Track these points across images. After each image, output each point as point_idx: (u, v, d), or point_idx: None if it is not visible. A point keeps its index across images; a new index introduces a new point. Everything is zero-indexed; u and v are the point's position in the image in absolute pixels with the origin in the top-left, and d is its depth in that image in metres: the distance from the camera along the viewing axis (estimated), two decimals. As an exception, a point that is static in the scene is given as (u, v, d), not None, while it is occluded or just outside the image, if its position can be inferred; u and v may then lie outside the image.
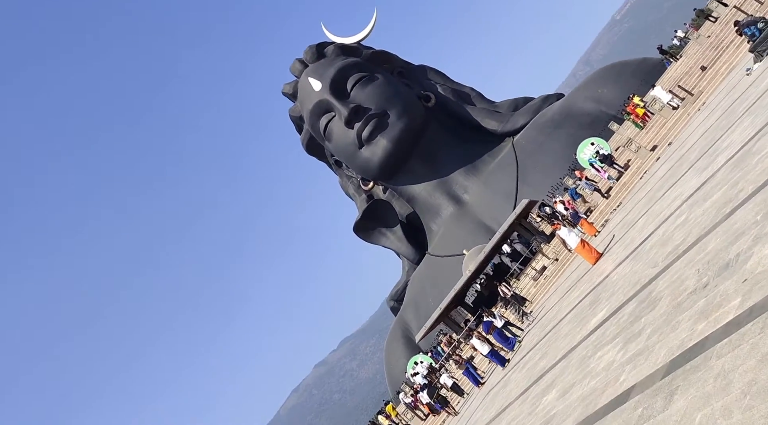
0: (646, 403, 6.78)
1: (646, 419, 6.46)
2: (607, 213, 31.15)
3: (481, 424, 18.67)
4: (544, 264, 33.28)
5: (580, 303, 17.75)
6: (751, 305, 6.36)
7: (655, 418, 6.25)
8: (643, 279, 12.18)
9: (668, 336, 7.96)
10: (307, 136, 53.93)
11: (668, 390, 6.47)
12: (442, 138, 50.54)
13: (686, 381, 6.25)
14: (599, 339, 11.73)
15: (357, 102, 47.97)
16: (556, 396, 11.44)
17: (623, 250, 17.98)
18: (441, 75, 55.25)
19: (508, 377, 21.05)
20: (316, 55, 51.36)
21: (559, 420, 9.84)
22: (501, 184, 47.03)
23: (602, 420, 7.72)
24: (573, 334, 14.92)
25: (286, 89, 53.43)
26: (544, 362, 15.88)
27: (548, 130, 47.07)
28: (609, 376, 9.08)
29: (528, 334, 24.86)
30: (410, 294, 51.56)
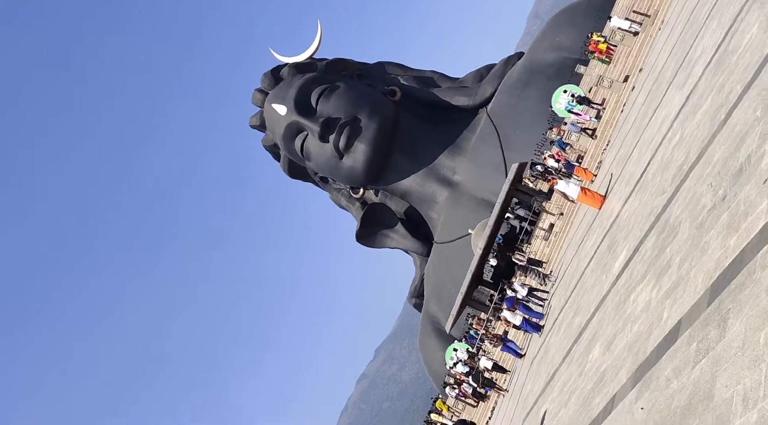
0: (699, 336, 6.28)
1: (704, 353, 5.97)
2: (598, 155, 30.67)
3: (533, 396, 18.18)
4: (551, 222, 32.78)
5: (598, 250, 17.27)
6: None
7: (714, 350, 5.76)
8: (655, 210, 11.70)
9: (700, 260, 7.47)
10: (286, 162, 53.28)
11: (719, 317, 5.98)
12: (417, 127, 49.92)
13: (736, 301, 5.76)
14: (628, 282, 11.24)
15: (325, 115, 47.29)
16: (601, 351, 10.95)
17: (626, 186, 17.51)
18: (400, 66, 54.73)
19: (547, 342, 20.56)
20: (274, 81, 50.71)
21: (611, 375, 9.35)
22: (487, 156, 46.47)
23: (657, 365, 7.23)
24: (600, 283, 14.44)
25: (253, 122, 52.82)
26: (578, 319, 15.39)
27: (518, 91, 46.55)
28: (650, 317, 8.59)
29: (555, 295, 24.38)
30: (429, 287, 51.01)
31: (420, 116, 50.57)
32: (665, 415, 6.21)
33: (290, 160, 51.89)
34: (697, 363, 6.03)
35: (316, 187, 55.99)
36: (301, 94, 47.46)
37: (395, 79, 52.65)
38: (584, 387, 10.98)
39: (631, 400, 7.65)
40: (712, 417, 5.12)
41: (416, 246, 51.52)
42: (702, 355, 5.99)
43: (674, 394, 6.23)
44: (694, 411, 5.57)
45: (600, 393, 9.56)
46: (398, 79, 52.48)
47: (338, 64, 52.31)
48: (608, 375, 9.54)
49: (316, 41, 53.55)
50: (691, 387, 5.88)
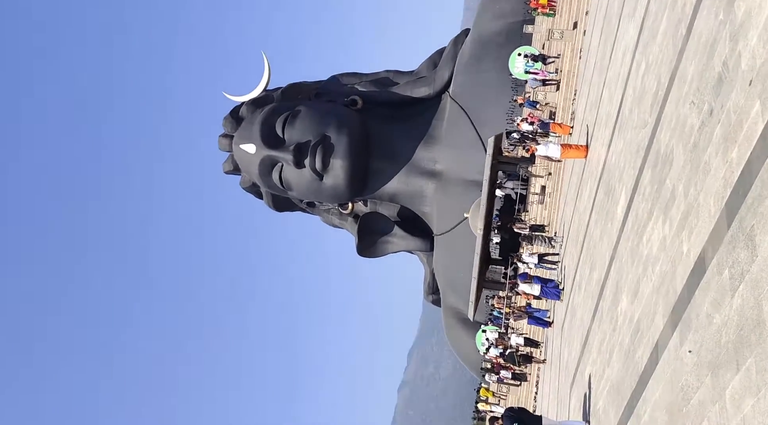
0: (729, 261, 5.85)
1: (739, 278, 5.53)
2: (568, 106, 30.31)
3: (573, 362, 17.72)
4: (542, 185, 32.40)
5: (596, 199, 16.85)
6: (774, 101, 5.46)
7: (750, 272, 5.32)
8: (642, 144, 11.28)
9: (705, 182, 7.04)
10: (269, 197, 52.71)
11: (744, 236, 5.55)
12: (387, 128, 49.50)
13: (758, 215, 5.32)
14: (636, 224, 10.81)
15: (294, 141, 46.78)
16: (628, 301, 10.51)
17: (605, 129, 17.11)
18: (354, 75, 54.37)
19: (572, 304, 20.12)
20: (235, 122, 50.21)
21: (647, 323, 8.91)
22: (462, 138, 46.11)
23: (692, 302, 6.79)
24: (607, 233, 14.01)
25: (226, 168, 52.30)
26: (596, 273, 14.95)
27: (474, 67, 46.24)
28: (670, 254, 8.16)
29: (566, 255, 23.94)
30: (441, 280, 50.54)
31: (386, 117, 50.17)
32: (717, 353, 5.77)
33: (273, 195, 51.37)
34: (735, 290, 5.59)
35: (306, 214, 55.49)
36: (266, 128, 46.95)
37: (353, 88, 52.24)
38: (622, 342, 10.53)
39: (675, 345, 7.21)
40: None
41: (418, 244, 51.03)
42: (738, 281, 5.55)
43: (720, 329, 5.79)
44: (747, 343, 5.13)
45: (640, 344, 9.12)
46: (356, 88, 52.07)
47: (293, 89, 51.86)
48: (644, 324, 9.10)
49: (266, 73, 53.08)
50: (737, 318, 5.44)
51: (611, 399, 10.86)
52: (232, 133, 49.45)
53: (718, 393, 5.59)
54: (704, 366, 6.07)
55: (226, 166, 51.55)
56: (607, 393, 11.42)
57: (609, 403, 11.07)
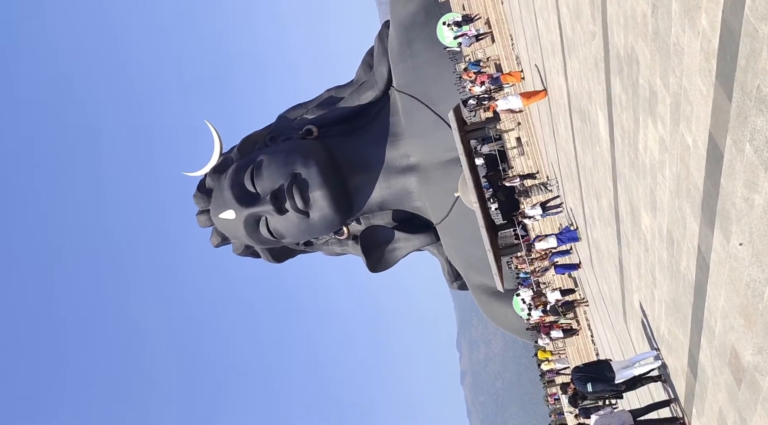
0: (746, 134, 5.19)
1: (766, 147, 4.87)
2: (510, 53, 29.74)
3: (617, 295, 17.06)
4: (516, 137, 31.80)
5: (574, 128, 16.22)
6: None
7: (776, 135, 4.66)
8: (598, 55, 10.65)
9: (682, 63, 6.39)
10: (266, 253, 52.12)
11: (753, 101, 4.89)
12: (350, 144, 48.98)
13: (759, 72, 4.68)
14: (626, 136, 10.16)
15: (268, 191, 46.17)
16: (649, 216, 9.84)
17: (556, 57, 16.50)
18: (298, 106, 53.82)
19: (593, 239, 19.47)
20: (206, 196, 49.60)
21: (680, 231, 8.25)
22: (423, 124, 45.61)
23: (721, 191, 6.12)
24: (600, 156, 13.37)
25: (215, 242, 51.62)
26: (605, 201, 14.31)
27: (407, 53, 45.80)
28: (675, 152, 7.50)
29: (567, 195, 23.31)
30: (459, 263, 49.91)
31: (345, 134, 49.66)
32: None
33: (269, 249, 50.72)
34: (766, 162, 4.93)
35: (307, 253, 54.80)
36: (237, 189, 46.35)
37: (303, 119, 51.67)
38: (661, 259, 9.87)
39: (721, 243, 6.54)
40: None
41: (423, 239, 50.43)
42: (766, 151, 4.90)
43: (766, 210, 5.13)
44: (806, 211, 4.47)
45: (681, 254, 8.45)
46: (305, 118, 51.51)
47: (247, 142, 51.27)
48: (676, 233, 8.44)
49: (215, 139, 52.50)
50: (782, 189, 4.78)
51: (673, 320, 10.19)
52: (206, 207, 48.80)
53: (794, 277, 4.93)
54: (764, 255, 5.41)
55: (214, 239, 50.85)
56: (665, 315, 10.75)
57: (672, 324, 10.39)
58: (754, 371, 6.52)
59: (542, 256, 29.33)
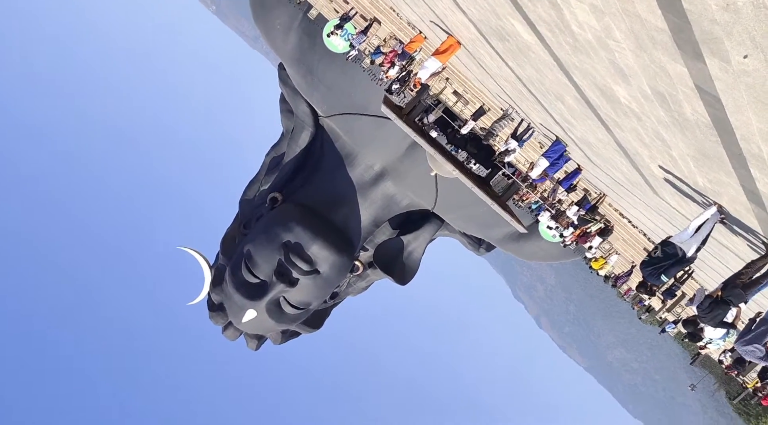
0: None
1: None
2: (400, 23, 29.15)
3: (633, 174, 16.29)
4: (452, 91, 31.16)
5: (498, 50, 15.46)
6: None
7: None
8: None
9: None
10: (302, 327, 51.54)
11: None
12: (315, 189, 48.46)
13: None
14: (550, 26, 9.36)
15: (271, 273, 45.62)
16: (623, 87, 9.03)
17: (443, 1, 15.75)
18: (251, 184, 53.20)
19: (578, 138, 18.72)
20: (220, 311, 49.00)
21: (665, 80, 7.44)
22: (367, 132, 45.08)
23: (690, 16, 5.31)
24: (539, 61, 12.59)
25: (252, 346, 51.08)
26: (569, 99, 13.53)
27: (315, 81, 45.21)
28: (614, 9, 6.69)
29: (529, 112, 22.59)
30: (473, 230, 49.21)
31: (306, 183, 49.14)
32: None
33: (303, 322, 50.05)
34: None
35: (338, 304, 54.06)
36: (243, 289, 45.71)
37: (261, 193, 51.09)
38: (659, 118, 9.05)
39: (721, 67, 5.72)
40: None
41: (430, 230, 49.81)
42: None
43: (756, 5, 4.31)
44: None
45: (679, 103, 7.64)
46: (263, 190, 50.99)
47: (226, 241, 50.65)
48: (662, 85, 7.62)
49: (198, 258, 51.76)
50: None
51: (707, 168, 9.37)
52: (226, 321, 48.20)
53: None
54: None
55: (251, 345, 50.16)
56: (696, 167, 9.93)
57: (709, 172, 9.57)
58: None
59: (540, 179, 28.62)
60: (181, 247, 52.50)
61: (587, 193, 28.08)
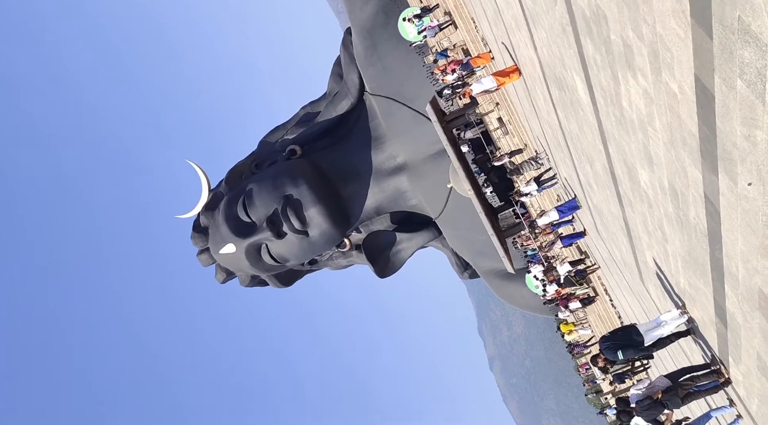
0: (734, 69, 4.92)
1: (758, 79, 4.60)
2: (476, 36, 29.55)
3: (629, 256, 16.79)
4: (497, 117, 31.60)
5: (553, 98, 15.97)
6: None
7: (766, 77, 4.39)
8: (563, 19, 10.39)
9: (652, 10, 6.13)
10: (273, 280, 51.86)
11: (735, 33, 4.62)
12: (335, 156, 48.77)
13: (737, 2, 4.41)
14: (607, 95, 9.90)
15: (263, 218, 45.88)
16: (647, 171, 9.57)
17: (521, 32, 16.25)
18: (277, 129, 53.60)
19: (593, 205, 19.22)
20: (202, 234, 49.30)
21: (682, 182, 7.98)
22: (403, 123, 45.43)
23: (720, 132, 5.85)
24: (584, 120, 13.11)
25: (220, 278, 51.34)
26: (598, 164, 14.04)
27: (374, 56, 45.57)
28: (661, 102, 7.24)
29: (559, 165, 23.07)
30: (465, 253, 49.71)
31: (329, 147, 49.45)
32: (784, 168, 4.84)
33: (276, 275, 50.46)
34: (762, 95, 4.66)
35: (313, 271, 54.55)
36: (232, 222, 46.07)
37: (284, 141, 51.44)
38: (667, 213, 9.60)
39: (728, 187, 6.27)
40: None
41: (425, 236, 50.26)
42: (759, 83, 4.63)
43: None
44: (815, 137, 4.20)
45: (688, 205, 8.18)
46: (287, 139, 51.32)
47: (234, 174, 51.02)
48: (679, 184, 8.17)
49: (201, 177, 52.19)
50: (784, 120, 4.51)
51: (691, 272, 9.92)
52: (205, 246, 48.55)
53: (814, 208, 4.66)
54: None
55: (219, 276, 50.57)
56: (682, 268, 10.48)
57: (691, 276, 10.12)
58: (788, 311, 6.25)
59: (546, 231, 29.10)
60: (190, 161, 52.96)
61: (585, 256, 28.58)
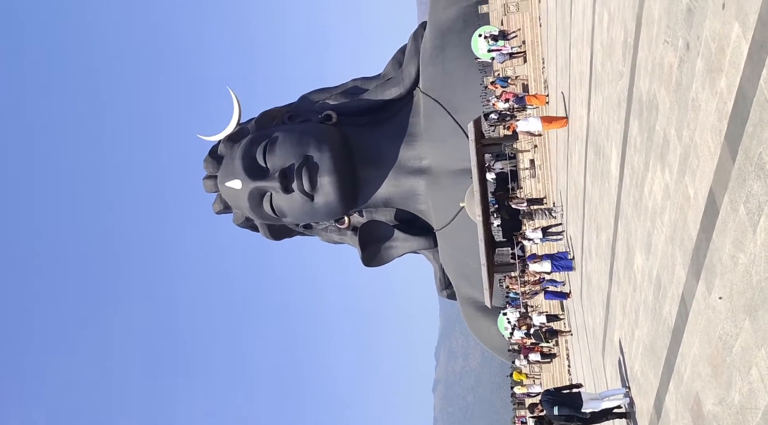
0: (742, 195, 5.48)
1: (757, 212, 5.16)
2: (540, 76, 30.00)
3: (599, 329, 17.35)
4: (530, 159, 32.07)
5: (587, 161, 16.51)
6: (754, 22, 5.10)
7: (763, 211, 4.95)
8: (621, 96, 10.93)
9: (697, 119, 6.68)
10: (264, 229, 52.29)
11: (753, 166, 5.19)
12: (366, 136, 49.17)
13: (764, 142, 4.97)
14: (634, 177, 10.45)
15: (278, 168, 46.32)
16: (643, 257, 10.14)
17: (581, 89, 16.77)
18: (323, 90, 54.02)
19: (586, 271, 19.76)
20: (215, 162, 49.79)
21: (668, 277, 8.54)
22: (442, 129, 45.84)
23: (712, 245, 6.42)
24: (606, 192, 13.66)
25: (216, 209, 51.86)
26: (604, 235, 14.59)
27: (439, 57, 45.99)
28: (676, 201, 7.79)
29: (569, 223, 23.60)
30: (452, 273, 50.16)
31: (364, 125, 49.86)
32: (750, 295, 5.40)
33: (268, 225, 50.92)
34: (755, 225, 5.22)
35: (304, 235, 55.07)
36: (247, 160, 46.53)
37: (324, 104, 51.86)
38: (646, 300, 10.17)
39: (703, 294, 6.84)
40: (808, 276, 4.31)
41: (421, 243, 50.67)
42: (756, 215, 5.19)
43: (749, 269, 5.42)
44: (782, 277, 4.76)
45: (665, 299, 8.75)
46: (327, 103, 51.70)
47: (266, 116, 51.49)
48: (665, 278, 8.73)
49: (236, 107, 52.72)
50: (765, 254, 5.07)
51: (647, 361, 10.49)
52: (214, 173, 49.06)
53: (762, 337, 5.22)
54: (740, 311, 5.70)
55: (216, 206, 51.11)
56: (641, 355, 11.05)
57: (646, 365, 10.69)
58: (713, 420, 6.82)
59: (535, 282, 29.60)
60: (230, 89, 53.40)
61: (562, 316, 29.11)
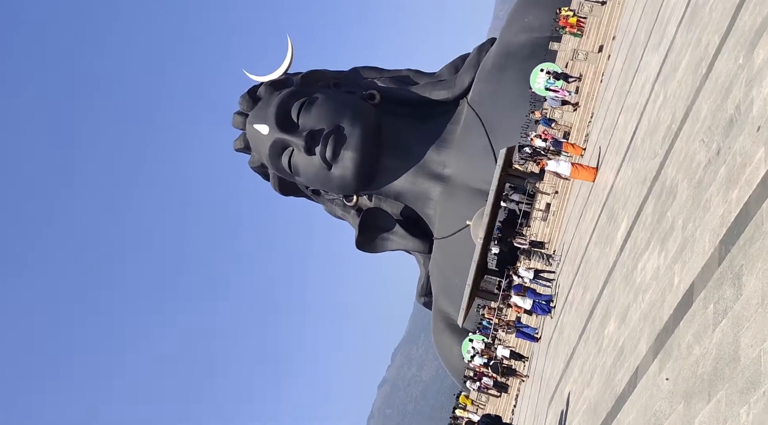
0: (715, 297, 6.06)
1: (722, 314, 5.74)
2: (584, 128, 30.46)
3: (554, 379, 17.95)
4: (547, 202, 32.56)
5: (598, 222, 17.06)
6: (778, 149, 5.67)
7: (733, 309, 5.53)
8: (649, 174, 11.48)
9: (704, 218, 7.25)
10: (275, 180, 52.88)
11: (732, 274, 5.76)
12: (401, 127, 49.63)
13: (747, 256, 5.54)
14: (633, 251, 11.02)
15: (308, 128, 46.90)
16: (616, 324, 10.72)
17: (616, 155, 17.30)
18: (375, 69, 54.54)
19: (561, 322, 20.33)
20: (252, 101, 50.36)
21: (630, 348, 9.12)
22: (474, 146, 46.24)
23: (676, 333, 7.01)
24: (605, 256, 14.22)
25: (237, 145, 52.46)
26: (589, 295, 15.16)
27: (496, 77, 46.33)
28: (661, 284, 8.37)
29: (561, 274, 24.16)
30: (436, 283, 50.72)
31: (402, 115, 50.30)
32: (692, 383, 5.99)
33: (280, 178, 51.55)
34: (717, 325, 5.80)
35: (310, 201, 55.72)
36: (281, 111, 47.09)
37: (372, 82, 52.38)
38: (605, 364, 10.75)
39: (654, 372, 7.43)
40: (742, 380, 4.89)
41: (417, 245, 51.23)
42: (721, 316, 5.76)
43: (698, 360, 6.00)
44: (722, 376, 5.34)
45: (622, 367, 9.33)
46: (375, 82, 52.21)
47: (313, 76, 52.05)
48: (627, 349, 9.32)
49: (288, 57, 53.20)
50: (715, 351, 5.65)
51: (587, 419, 11.08)
52: (247, 111, 49.66)
53: (688, 422, 5.80)
54: (678, 395, 6.28)
55: (238, 143, 51.75)
56: (583, 412, 11.64)
57: (584, 422, 11.28)
58: (623, 484, 7.43)
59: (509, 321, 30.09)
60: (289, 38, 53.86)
61: (526, 358, 29.67)
